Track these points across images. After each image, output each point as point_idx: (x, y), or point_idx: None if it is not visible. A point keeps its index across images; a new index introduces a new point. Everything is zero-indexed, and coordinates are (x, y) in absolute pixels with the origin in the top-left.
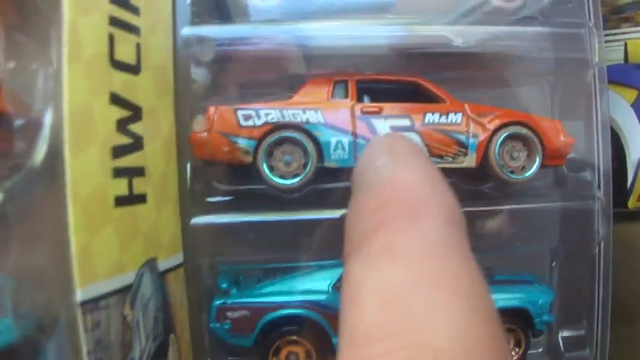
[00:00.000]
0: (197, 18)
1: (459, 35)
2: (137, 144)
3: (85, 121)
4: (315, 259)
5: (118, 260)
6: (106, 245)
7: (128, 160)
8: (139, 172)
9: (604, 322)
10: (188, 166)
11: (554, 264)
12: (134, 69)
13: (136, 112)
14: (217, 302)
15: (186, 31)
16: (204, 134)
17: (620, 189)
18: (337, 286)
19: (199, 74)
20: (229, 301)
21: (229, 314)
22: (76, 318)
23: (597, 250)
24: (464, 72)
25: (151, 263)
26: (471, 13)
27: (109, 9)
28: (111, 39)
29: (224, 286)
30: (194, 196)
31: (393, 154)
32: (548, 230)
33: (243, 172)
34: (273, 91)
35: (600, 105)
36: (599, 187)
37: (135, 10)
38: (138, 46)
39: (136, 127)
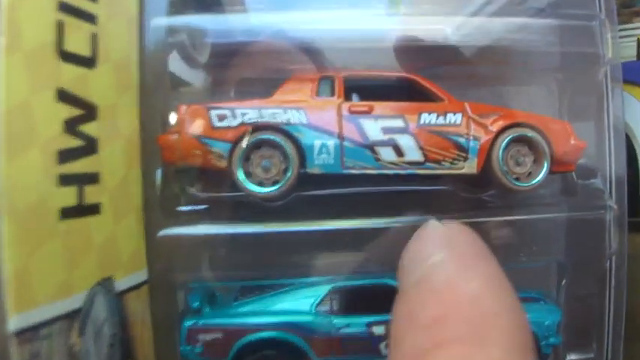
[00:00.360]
0: (174, 7)
1: (459, 27)
2: (90, 147)
3: (23, 120)
4: (297, 275)
5: (64, 281)
6: (48, 264)
7: (78, 166)
8: (91, 178)
9: (615, 344)
10: (158, 170)
11: (561, 280)
12: (88, 62)
13: (89, 111)
14: (188, 323)
15: (159, 21)
16: (175, 136)
17: (631, 197)
18: (320, 306)
19: (194, 76)
20: (201, 322)
21: (201, 336)
22: (8, 350)
23: (609, 264)
24: (464, 68)
25: (105, 283)
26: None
27: None
28: (59, 27)
29: (196, 305)
30: (163, 205)
31: (451, 251)
32: (556, 243)
33: (218, 177)
34: (255, 88)
35: (613, 105)
36: (610, 195)
37: None
38: (94, 36)
39: (88, 128)
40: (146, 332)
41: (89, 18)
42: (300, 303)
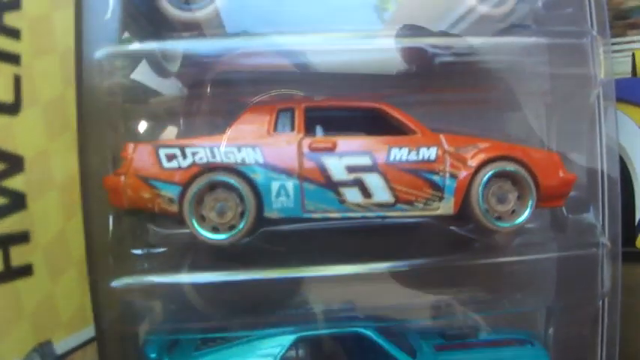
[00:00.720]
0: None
1: (436, 47)
2: (16, 203)
3: None
4: (261, 325)
5: None
6: None
7: (2, 226)
8: (19, 238)
9: None
10: (108, 216)
11: (549, 322)
12: (10, 108)
13: (13, 164)
14: None
15: (103, 52)
16: (122, 177)
17: (626, 225)
18: (286, 358)
19: (164, 86)
20: None
21: None
22: None
23: (601, 304)
24: (441, 94)
25: (42, 348)
26: (457, 23)
27: None
28: None
29: (153, 356)
30: (115, 252)
31: None
32: (544, 285)
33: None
34: (218, 120)
35: (606, 127)
36: (604, 230)
37: (13, 34)
38: (17, 78)
39: (13, 183)
40: None
41: (10, 58)
42: (264, 353)
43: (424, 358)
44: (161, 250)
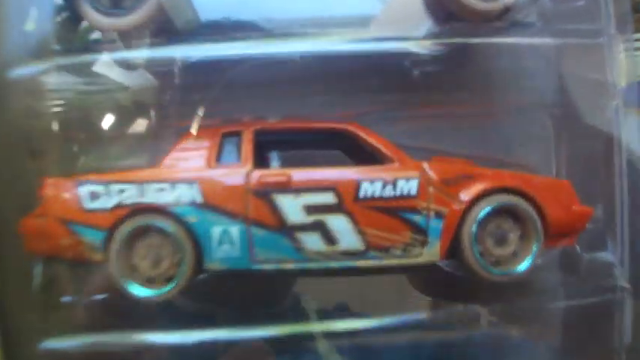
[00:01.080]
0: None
1: (425, 49)
2: None
3: None
4: None
5: None
6: None
7: None
8: None
9: None
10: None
11: None
12: None
13: None
14: None
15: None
16: (40, 219)
17: None
18: None
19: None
20: None
21: None
22: None
23: None
24: (426, 108)
25: None
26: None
27: None
28: None
29: None
30: (44, 306)
31: None
32: (552, 337)
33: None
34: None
35: (627, 145)
36: (623, 271)
37: None
38: None
39: None
40: None
41: None
42: None
43: None
44: (96, 297)
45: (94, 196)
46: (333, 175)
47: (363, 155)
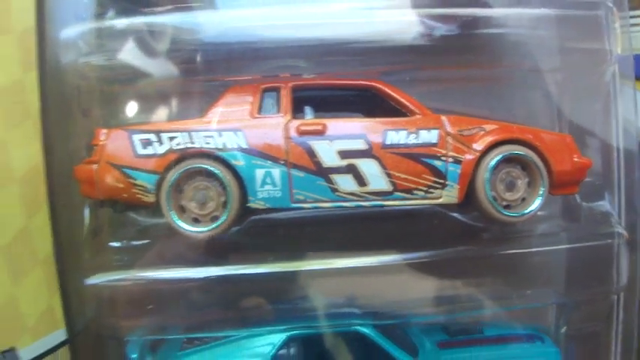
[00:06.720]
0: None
1: (437, 21)
2: None
3: None
4: (248, 324)
5: None
6: None
7: None
8: None
9: None
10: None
11: (561, 318)
12: None
13: None
14: None
15: (70, 31)
16: (94, 166)
17: None
18: (277, 357)
19: (153, 67)
20: None
21: None
22: None
23: (616, 300)
24: (441, 71)
25: (4, 357)
26: None
27: None
28: None
29: (134, 356)
30: (89, 248)
31: None
32: (555, 278)
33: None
34: (188, 102)
35: (623, 108)
36: (620, 219)
37: None
38: None
39: None
40: None
41: None
42: (253, 353)
43: (426, 356)
44: (141, 242)
45: (146, 143)
46: (364, 124)
47: (388, 109)
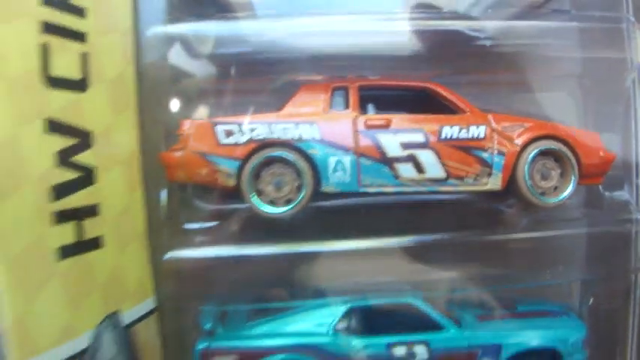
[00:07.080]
0: (172, 14)
1: (477, 31)
2: (86, 178)
3: (11, 156)
4: (312, 295)
5: (67, 324)
6: (50, 308)
7: (75, 200)
8: (90, 211)
9: None
10: (163, 190)
11: (585, 295)
12: (79, 84)
13: (83, 139)
14: (201, 345)
15: (156, 30)
16: (179, 153)
17: None
18: (338, 327)
19: (196, 68)
20: (214, 345)
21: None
22: None
23: (634, 279)
24: (481, 75)
25: (112, 318)
26: (494, 6)
27: (41, 13)
28: (44, 50)
29: (208, 326)
30: (170, 226)
31: None
32: (580, 258)
33: (226, 192)
34: (263, 99)
35: None
36: (638, 207)
37: (78, 12)
38: (84, 55)
39: (84, 157)
40: None
41: (78, 36)
42: (316, 324)
43: (468, 327)
44: (213, 224)
45: (229, 133)
46: (422, 120)
47: (441, 107)
